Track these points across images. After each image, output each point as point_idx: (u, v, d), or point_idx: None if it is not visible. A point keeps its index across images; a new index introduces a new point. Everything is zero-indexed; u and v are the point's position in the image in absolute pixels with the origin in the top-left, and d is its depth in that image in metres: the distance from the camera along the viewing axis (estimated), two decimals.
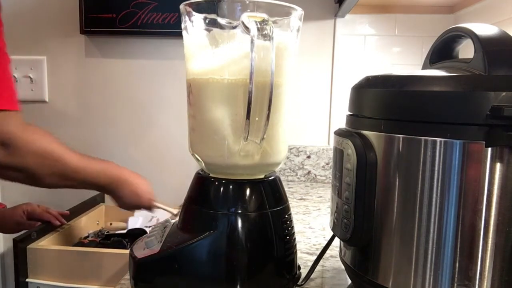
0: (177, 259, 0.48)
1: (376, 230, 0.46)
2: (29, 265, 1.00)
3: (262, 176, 0.51)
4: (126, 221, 1.24)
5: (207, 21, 0.47)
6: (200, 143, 0.51)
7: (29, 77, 1.33)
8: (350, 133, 0.48)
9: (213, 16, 0.47)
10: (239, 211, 0.48)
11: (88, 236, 1.18)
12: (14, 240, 1.00)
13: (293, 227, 0.52)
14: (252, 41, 0.43)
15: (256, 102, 0.44)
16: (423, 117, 0.41)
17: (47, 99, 1.35)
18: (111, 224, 1.27)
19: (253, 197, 0.49)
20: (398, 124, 0.43)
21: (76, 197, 1.27)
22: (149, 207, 0.95)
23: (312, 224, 0.87)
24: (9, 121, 0.70)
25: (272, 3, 0.47)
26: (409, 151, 0.42)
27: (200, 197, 0.51)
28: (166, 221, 0.56)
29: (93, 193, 1.30)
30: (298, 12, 0.49)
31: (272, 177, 0.52)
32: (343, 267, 0.54)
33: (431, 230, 0.41)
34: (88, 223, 1.25)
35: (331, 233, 0.55)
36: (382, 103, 0.45)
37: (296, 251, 0.53)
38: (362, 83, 0.49)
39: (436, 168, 0.41)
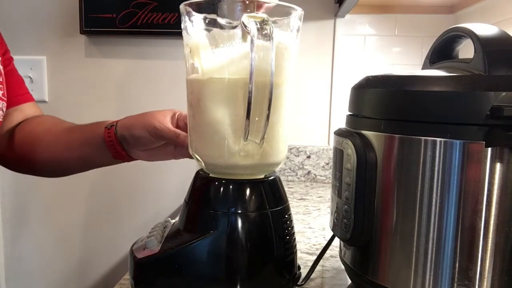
0: (177, 259, 0.48)
1: (376, 230, 0.46)
2: None
3: (262, 176, 0.51)
4: None
5: (207, 21, 0.47)
6: (200, 143, 0.51)
7: (29, 77, 1.33)
8: (350, 133, 0.48)
9: (213, 16, 0.47)
10: (239, 211, 0.48)
11: None
12: None
13: (293, 227, 0.52)
14: (252, 41, 0.42)
15: (256, 102, 0.44)
16: (423, 117, 0.41)
17: (47, 99, 1.35)
18: None
19: (253, 197, 0.49)
20: (398, 124, 0.43)
21: None
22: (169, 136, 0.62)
23: (312, 224, 0.87)
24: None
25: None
26: (409, 151, 0.42)
27: (200, 197, 0.51)
28: (166, 221, 0.56)
29: None
30: (298, 12, 0.49)
31: (272, 177, 0.52)
32: (343, 267, 0.54)
33: (431, 230, 0.41)
34: None
35: (331, 233, 0.55)
36: (382, 103, 0.45)
37: (296, 251, 0.53)
38: (362, 83, 0.49)
39: (436, 168, 0.41)
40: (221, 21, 0.47)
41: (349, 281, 0.56)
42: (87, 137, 0.71)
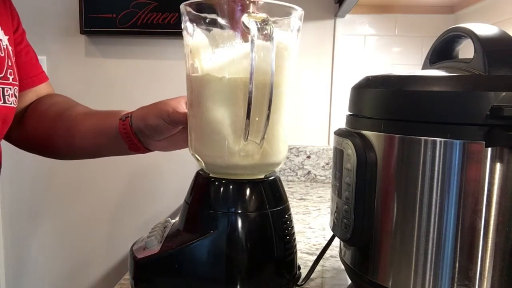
0: (177, 259, 0.48)
1: (376, 230, 0.46)
2: None
3: (262, 176, 0.51)
4: None
5: (207, 21, 0.47)
6: (200, 143, 0.51)
7: None
8: (350, 133, 0.48)
9: (213, 16, 0.47)
10: (239, 211, 0.48)
11: None
12: None
13: (293, 227, 0.52)
14: (252, 41, 0.43)
15: (256, 102, 0.44)
16: (423, 117, 0.41)
17: None
18: None
19: (253, 197, 0.49)
20: (398, 124, 0.43)
21: None
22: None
23: (312, 224, 0.87)
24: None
25: (272, 3, 0.47)
26: (409, 151, 0.42)
27: (200, 197, 0.51)
28: (166, 221, 0.56)
29: None
30: (298, 12, 0.49)
31: (272, 177, 0.52)
32: (343, 267, 0.54)
33: (431, 230, 0.41)
34: None
35: (331, 233, 0.55)
36: (382, 103, 0.45)
37: (296, 251, 0.53)
38: (362, 83, 0.49)
39: (436, 168, 0.41)
40: (221, 21, 0.47)
41: (349, 281, 0.56)
42: (100, 127, 0.68)
